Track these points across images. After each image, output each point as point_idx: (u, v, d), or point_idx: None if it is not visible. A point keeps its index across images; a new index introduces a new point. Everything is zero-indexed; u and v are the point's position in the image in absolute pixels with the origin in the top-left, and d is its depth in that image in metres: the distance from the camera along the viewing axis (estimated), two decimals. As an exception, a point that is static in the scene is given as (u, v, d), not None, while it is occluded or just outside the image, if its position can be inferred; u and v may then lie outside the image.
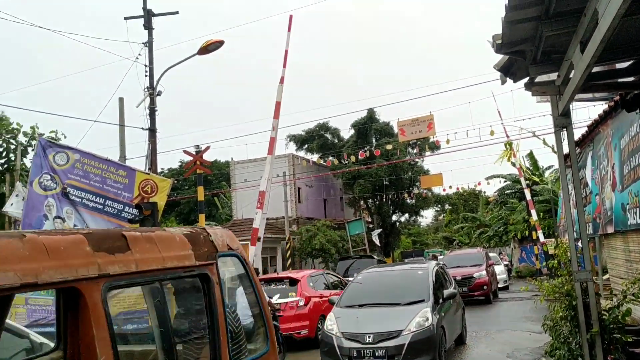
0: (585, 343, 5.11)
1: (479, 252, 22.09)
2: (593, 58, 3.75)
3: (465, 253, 23.41)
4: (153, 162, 16.42)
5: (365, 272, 11.08)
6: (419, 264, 12.47)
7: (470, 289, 18.17)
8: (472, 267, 19.29)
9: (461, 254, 22.96)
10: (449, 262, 20.68)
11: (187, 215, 47.66)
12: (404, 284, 9.81)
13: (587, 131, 8.55)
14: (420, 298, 8.85)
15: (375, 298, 9.43)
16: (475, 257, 20.88)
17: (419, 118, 23.76)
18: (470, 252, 22.93)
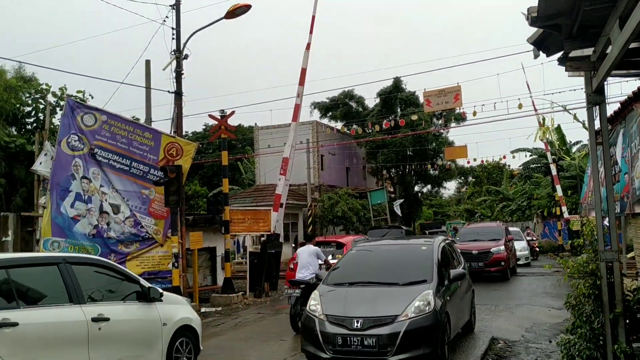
0: (607, 323, 5.11)
1: (498, 226, 21.11)
2: (633, 34, 3.65)
3: (483, 226, 22.47)
4: (179, 125, 16.52)
5: (361, 246, 9.68)
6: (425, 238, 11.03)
7: (486, 264, 17.57)
8: (489, 242, 18.46)
9: (479, 227, 22.05)
10: (465, 235, 20.19)
11: (211, 179, 48.12)
12: (404, 261, 8.45)
13: (620, 108, 8.38)
14: (422, 278, 7.50)
15: (369, 276, 8.02)
16: (494, 231, 19.98)
17: (446, 89, 23.41)
18: (489, 226, 22.01)
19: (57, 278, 5.87)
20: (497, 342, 9.45)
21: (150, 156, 14.58)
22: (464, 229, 22.87)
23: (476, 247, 17.89)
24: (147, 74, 19.28)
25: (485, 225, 22.73)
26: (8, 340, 5.12)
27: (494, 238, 18.78)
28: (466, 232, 21.00)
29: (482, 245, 18.20)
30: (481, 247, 18.02)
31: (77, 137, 14.10)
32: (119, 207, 14.13)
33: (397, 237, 22.98)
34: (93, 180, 14.03)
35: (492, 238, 18.80)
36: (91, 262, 6.84)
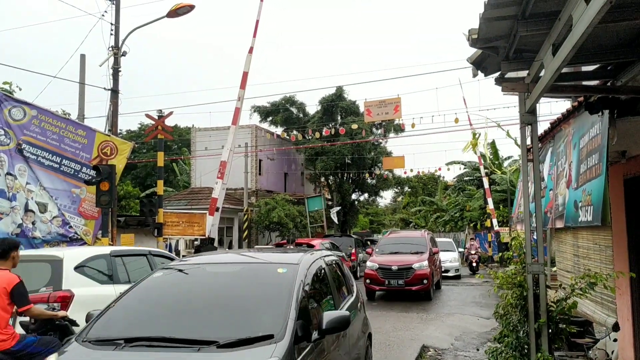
0: (532, 332, 5.35)
1: (422, 236, 18.38)
2: (564, 62, 3.84)
3: (406, 236, 19.55)
4: (114, 123, 16.05)
5: (176, 264, 5.57)
6: (290, 254, 6.18)
7: (407, 282, 15.51)
8: (412, 255, 16.38)
9: (401, 237, 19.21)
10: (385, 246, 17.85)
11: (144, 180, 46.94)
12: (238, 296, 4.65)
13: (550, 128, 8.75)
14: (264, 331, 3.93)
15: (167, 328, 4.23)
16: (417, 242, 17.64)
17: (386, 100, 23.85)
18: (412, 236, 19.22)
19: (146, 263, 8.56)
20: (427, 350, 9.68)
21: (82, 154, 14.07)
22: (383, 238, 19.72)
23: (396, 262, 15.95)
24: (81, 69, 18.66)
25: (408, 235, 19.79)
26: None
27: (417, 251, 16.80)
28: (386, 243, 18.32)
29: (403, 259, 16.14)
30: (402, 262, 15.95)
31: (3, 131, 13.42)
32: (47, 206, 13.53)
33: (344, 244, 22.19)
34: (19, 177, 13.38)
35: (415, 251, 16.85)
36: (161, 254, 9.49)
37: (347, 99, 38.29)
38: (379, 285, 16.03)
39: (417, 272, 15.62)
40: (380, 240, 19.76)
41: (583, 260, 8.63)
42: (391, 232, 21.25)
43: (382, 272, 16.02)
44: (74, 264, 7.35)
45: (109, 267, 7.84)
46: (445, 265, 22.61)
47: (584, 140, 6.95)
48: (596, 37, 4.33)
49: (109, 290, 7.24)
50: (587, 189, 6.30)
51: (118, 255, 8.14)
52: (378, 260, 16.45)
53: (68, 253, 7.65)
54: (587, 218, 5.57)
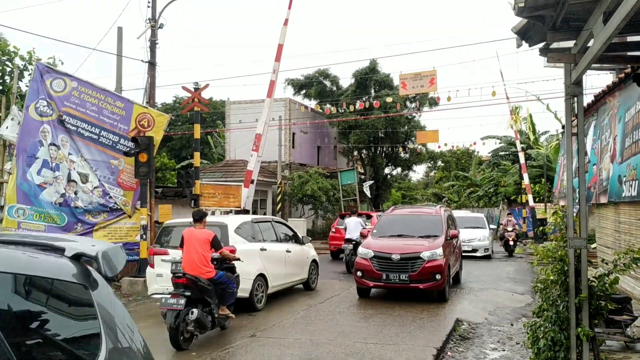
0: (573, 307, 5.31)
1: (437, 213, 13.59)
2: (616, 30, 3.73)
3: (414, 214, 14.47)
4: (151, 96, 16.24)
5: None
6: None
7: (413, 278, 11.32)
8: (421, 240, 12.22)
9: (408, 215, 14.37)
10: (385, 227, 13.47)
11: (179, 152, 47.57)
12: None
13: (593, 100, 8.57)
14: None
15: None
16: (429, 221, 13.18)
17: (422, 73, 23.49)
18: (422, 213, 14.25)
19: (271, 229, 12.28)
20: (461, 323, 9.70)
21: (120, 126, 14.31)
22: (384, 216, 14.58)
23: (398, 249, 11.72)
24: (118, 42, 18.87)
25: (418, 212, 14.63)
26: (263, 256, 11.06)
27: (428, 234, 12.50)
28: (387, 223, 13.74)
29: (408, 245, 11.99)
30: (406, 248, 11.78)
31: (46, 102, 13.75)
32: (87, 177, 13.88)
33: None
34: (62, 147, 13.73)
35: (426, 234, 12.55)
36: (279, 221, 13.39)
37: (381, 72, 37.87)
38: (374, 280, 11.60)
39: (426, 264, 11.28)
40: (380, 219, 14.46)
41: (625, 236, 8.48)
42: (395, 208, 15.69)
43: (378, 262, 11.60)
44: (234, 228, 10.68)
45: (252, 230, 11.34)
46: (473, 244, 21.16)
47: (630, 113, 6.78)
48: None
49: (253, 246, 10.88)
50: (632, 163, 6.16)
51: (256, 222, 11.85)
52: (374, 246, 12.08)
53: (229, 220, 11.12)
54: (631, 193, 5.47)
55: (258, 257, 10.81)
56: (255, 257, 10.72)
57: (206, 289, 8.12)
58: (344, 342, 8.06)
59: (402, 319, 9.72)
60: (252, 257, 10.45)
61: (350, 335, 8.48)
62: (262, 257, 10.96)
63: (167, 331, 7.79)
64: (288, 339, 8.28)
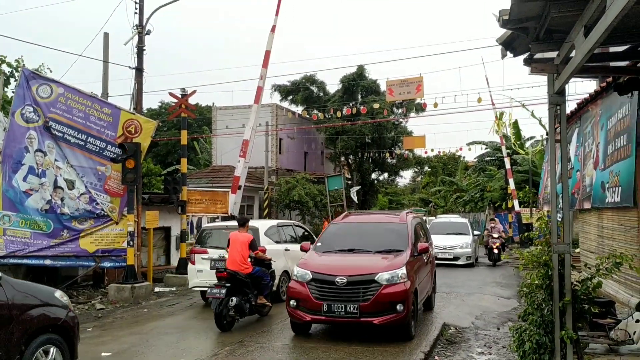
0: (557, 310, 5.44)
1: (402, 221, 10.25)
2: (596, 44, 3.85)
3: (373, 221, 11.02)
4: (138, 102, 16.24)
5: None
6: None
7: (363, 309, 8.23)
8: (378, 257, 9.06)
9: (366, 223, 10.88)
10: (332, 240, 10.00)
11: (164, 157, 47.42)
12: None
13: (576, 108, 8.75)
14: None
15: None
16: (392, 232, 9.89)
17: (408, 79, 23.72)
18: (384, 221, 10.84)
19: (293, 232, 14.09)
20: (448, 328, 9.80)
21: (108, 132, 14.27)
22: (332, 225, 10.91)
23: (346, 270, 8.58)
24: (105, 48, 18.82)
25: (377, 219, 11.20)
26: (287, 255, 12.65)
27: (389, 248, 9.28)
28: (336, 233, 10.32)
29: (359, 264, 8.84)
30: (357, 269, 8.64)
31: (32, 108, 13.70)
32: (74, 183, 13.82)
33: None
34: (48, 153, 13.67)
35: (385, 248, 9.33)
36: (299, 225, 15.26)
37: (368, 77, 38.09)
38: (312, 312, 8.49)
39: (384, 290, 8.21)
40: (328, 228, 10.89)
41: (608, 240, 8.64)
42: (349, 214, 11.63)
43: (317, 287, 8.48)
44: (264, 231, 12.52)
45: (278, 233, 13.25)
46: (455, 252, 20.01)
47: (612, 121, 6.93)
48: (627, 18, 4.31)
49: (279, 247, 12.68)
50: (615, 170, 6.31)
51: (281, 225, 13.90)
52: (314, 265, 8.90)
53: (260, 224, 12.95)
54: (614, 199, 5.61)
55: (283, 256, 12.62)
56: (281, 256, 12.46)
57: (244, 282, 9.74)
58: (333, 347, 8.12)
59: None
60: (278, 256, 12.07)
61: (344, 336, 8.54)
62: (286, 256, 12.73)
63: None
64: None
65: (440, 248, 19.46)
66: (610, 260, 5.52)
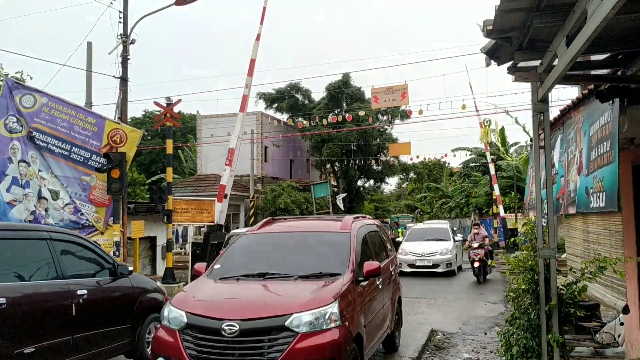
0: (543, 314, 5.51)
1: (344, 230, 7.07)
2: (578, 53, 3.94)
3: (300, 231, 7.60)
4: (123, 111, 16.19)
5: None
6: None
7: None
8: (299, 287, 5.91)
9: (289, 235, 7.49)
10: (236, 259, 6.87)
11: (148, 166, 47.17)
12: None
13: (559, 115, 8.84)
14: None
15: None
16: (327, 246, 6.82)
17: (394, 87, 23.89)
18: (317, 230, 7.58)
19: None
20: (436, 333, 9.86)
21: (92, 142, 14.18)
22: (244, 237, 7.43)
23: (241, 310, 5.50)
24: (88, 57, 18.74)
25: (307, 229, 7.86)
26: None
27: (320, 272, 6.21)
28: (253, 246, 7.26)
29: (264, 300, 5.78)
30: (257, 308, 5.54)
31: (15, 118, 13.56)
32: (58, 193, 13.69)
33: None
34: (32, 164, 13.54)
35: (314, 271, 6.24)
36: None
37: (353, 85, 38.29)
38: None
39: (299, 343, 5.24)
40: (238, 241, 7.41)
41: (593, 245, 8.76)
42: (272, 221, 8.22)
43: (194, 339, 5.46)
44: None
45: None
46: (434, 259, 18.80)
47: (594, 128, 7.04)
48: (608, 27, 4.41)
49: None
50: (599, 175, 6.41)
51: None
52: (193, 302, 5.88)
53: None
54: (599, 204, 5.70)
55: None
56: None
57: None
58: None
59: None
60: None
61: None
62: None
63: None
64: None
65: (418, 255, 18.99)
66: (595, 264, 5.61)
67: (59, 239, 6.67)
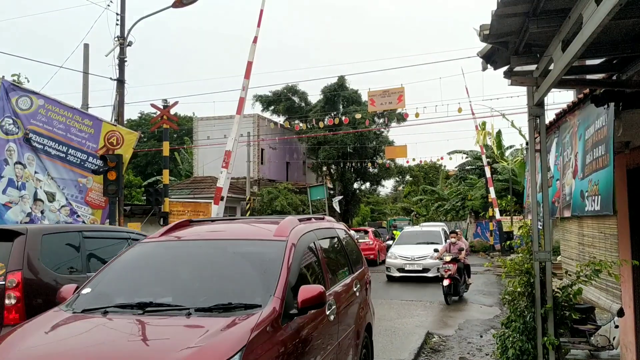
0: (539, 317, 5.54)
1: (279, 237, 4.76)
2: (573, 58, 3.98)
3: (222, 239, 5.17)
4: (120, 113, 16.20)
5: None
6: None
7: None
8: (186, 328, 3.67)
9: (205, 242, 5.07)
10: (116, 281, 4.59)
11: (144, 168, 47.10)
12: None
13: (555, 119, 8.89)
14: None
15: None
16: (254, 260, 4.62)
17: (390, 90, 23.94)
18: (244, 236, 5.21)
19: None
20: (432, 336, 9.88)
21: (89, 144, 14.19)
22: (147, 244, 5.14)
23: None
24: (85, 59, 18.73)
25: (239, 233, 5.41)
26: None
27: (230, 302, 3.95)
28: (147, 260, 4.93)
29: (128, 351, 3.42)
30: None
31: (12, 120, 13.57)
32: (55, 195, 13.69)
33: None
34: (28, 166, 13.54)
35: (224, 300, 3.98)
36: None
37: (350, 88, 38.35)
38: None
39: None
40: (126, 254, 5.02)
41: (588, 248, 8.80)
42: (187, 224, 5.59)
43: None
44: None
45: None
46: (424, 263, 18.05)
47: (590, 132, 7.09)
48: (603, 32, 4.46)
49: None
50: (594, 179, 6.45)
51: None
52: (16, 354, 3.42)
53: None
54: (594, 207, 5.74)
55: None
56: None
57: None
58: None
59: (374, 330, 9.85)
60: None
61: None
62: None
63: None
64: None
65: (408, 259, 18.47)
66: (590, 267, 5.65)
67: (134, 238, 7.70)
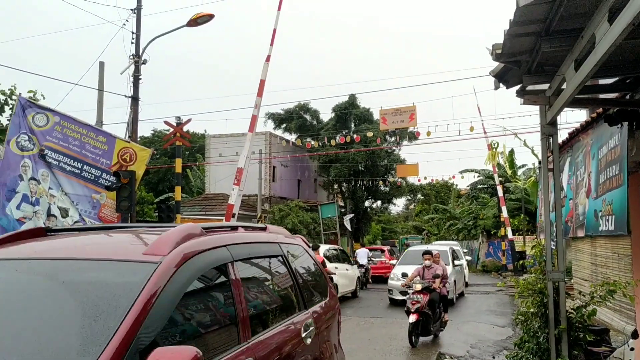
0: (552, 338, 5.47)
1: (147, 258, 2.81)
2: (586, 77, 3.99)
3: (58, 258, 3.09)
4: (134, 130, 16.36)
5: None
6: None
7: None
8: None
9: (32, 262, 3.10)
10: None
11: (156, 185, 47.33)
12: None
13: (568, 138, 8.89)
14: None
15: None
16: (88, 295, 2.62)
17: (402, 108, 23.98)
18: (95, 255, 3.09)
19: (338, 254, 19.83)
20: (443, 356, 9.76)
21: (103, 160, 14.32)
22: None
23: None
24: (100, 76, 18.97)
25: (87, 252, 3.19)
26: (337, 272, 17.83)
27: None
28: None
29: None
30: None
31: (27, 137, 13.74)
32: (68, 211, 13.79)
33: None
34: (42, 182, 13.67)
35: None
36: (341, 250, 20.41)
37: (361, 106, 38.46)
38: None
39: None
40: None
41: (601, 268, 8.72)
42: (28, 234, 3.63)
43: None
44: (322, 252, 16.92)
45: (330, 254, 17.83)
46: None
47: (603, 151, 7.06)
48: (616, 51, 4.48)
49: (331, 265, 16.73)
50: (608, 198, 6.41)
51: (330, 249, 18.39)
52: None
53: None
54: (608, 227, 5.69)
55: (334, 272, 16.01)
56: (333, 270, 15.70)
57: None
58: None
59: (384, 352, 9.76)
60: None
61: None
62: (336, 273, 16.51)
63: None
64: None
65: None
66: (604, 288, 5.58)
67: None
